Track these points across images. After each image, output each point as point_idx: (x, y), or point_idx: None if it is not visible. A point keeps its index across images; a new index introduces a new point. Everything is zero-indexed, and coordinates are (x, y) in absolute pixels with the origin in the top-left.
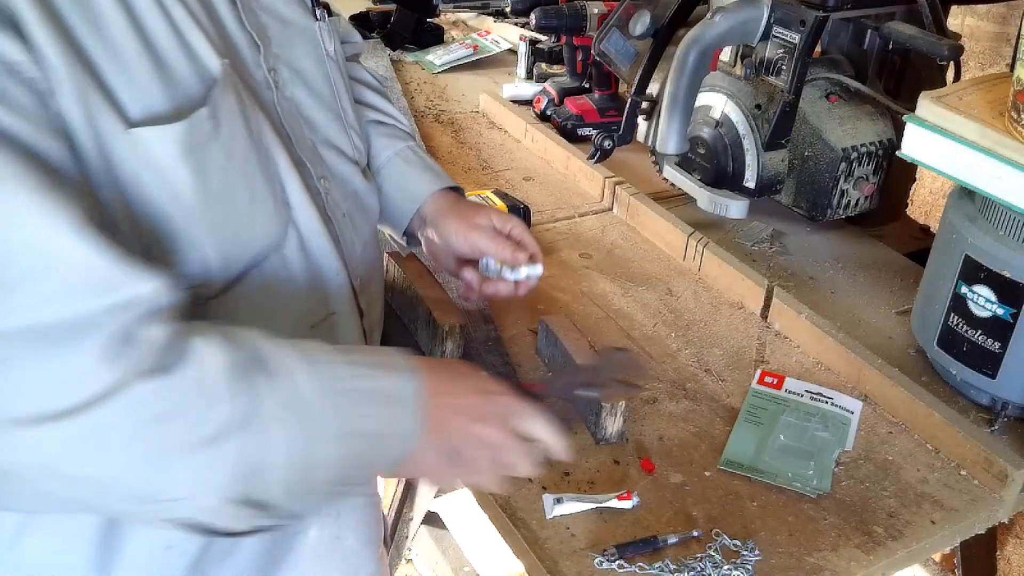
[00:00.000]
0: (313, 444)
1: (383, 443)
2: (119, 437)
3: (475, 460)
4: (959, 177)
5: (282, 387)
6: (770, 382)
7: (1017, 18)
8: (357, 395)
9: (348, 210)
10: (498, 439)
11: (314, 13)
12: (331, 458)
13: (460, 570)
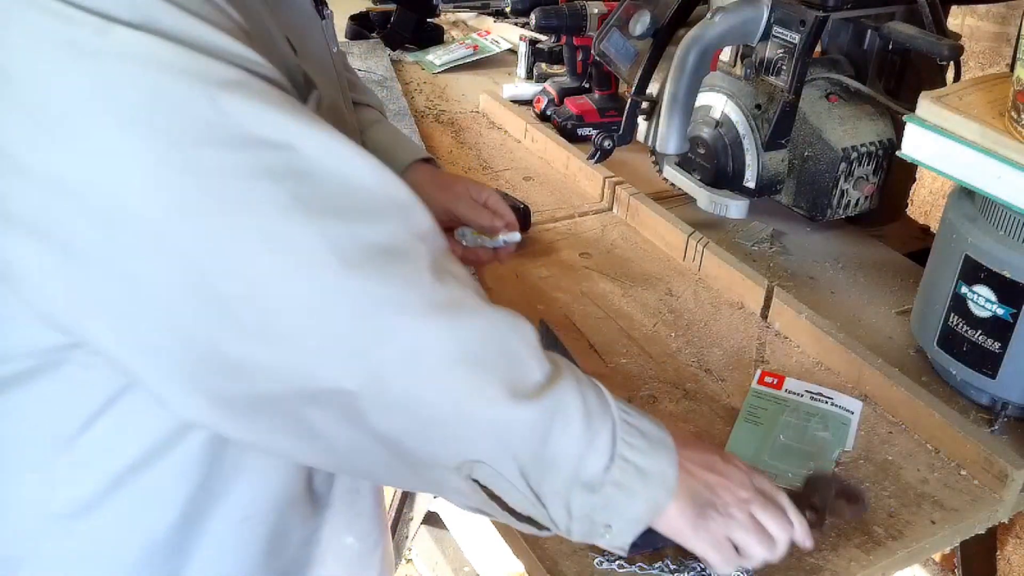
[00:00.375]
0: (592, 454)
1: (647, 479)
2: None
3: (725, 515)
4: (959, 177)
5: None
6: (770, 382)
7: (1017, 18)
8: (626, 423)
9: None
10: (746, 494)
11: (320, 12)
12: (606, 479)
13: (460, 570)
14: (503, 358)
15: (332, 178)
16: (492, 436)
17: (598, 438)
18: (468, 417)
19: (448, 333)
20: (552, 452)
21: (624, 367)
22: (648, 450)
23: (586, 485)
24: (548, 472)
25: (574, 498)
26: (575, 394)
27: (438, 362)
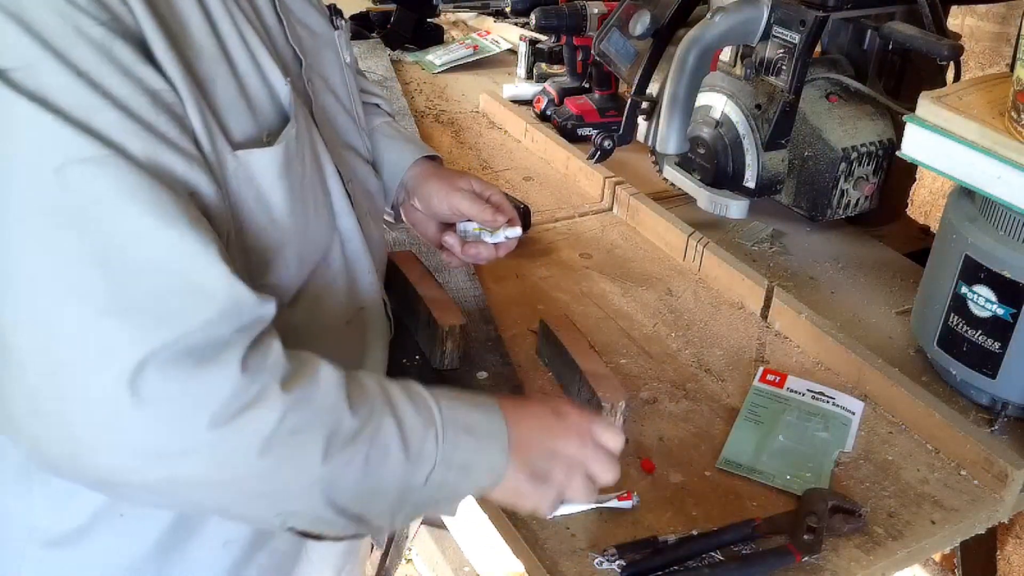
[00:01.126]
0: (416, 469)
1: (472, 472)
2: (261, 444)
3: (561, 477)
4: (959, 177)
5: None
6: (772, 380)
7: (1017, 18)
8: (453, 427)
9: (368, 208)
10: (579, 453)
11: (332, 22)
12: (428, 484)
13: (460, 570)
14: (308, 426)
15: (161, 277)
16: (308, 494)
17: (422, 456)
18: (279, 488)
19: (248, 430)
20: (372, 485)
21: (624, 367)
22: (475, 447)
23: (410, 494)
24: (370, 502)
25: (398, 509)
26: (391, 426)
27: (241, 456)
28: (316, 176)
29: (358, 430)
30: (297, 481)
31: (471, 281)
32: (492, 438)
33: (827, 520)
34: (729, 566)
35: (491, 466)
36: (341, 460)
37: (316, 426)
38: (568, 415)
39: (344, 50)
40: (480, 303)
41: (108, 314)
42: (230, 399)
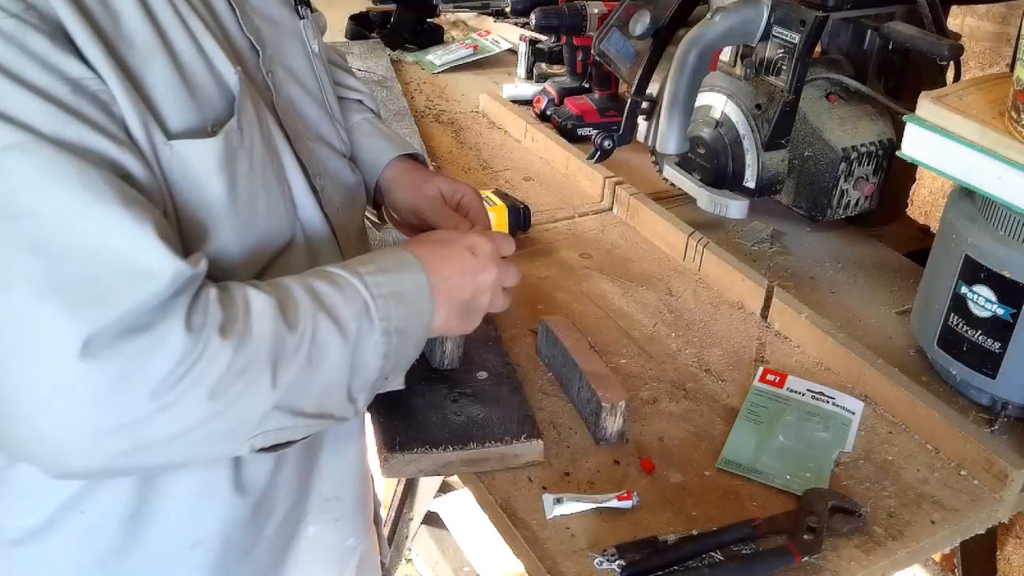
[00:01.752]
0: (359, 353)
1: (410, 333)
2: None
3: (485, 302)
4: (959, 177)
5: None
6: (772, 380)
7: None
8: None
9: (341, 203)
10: (496, 278)
11: (297, 11)
12: (374, 359)
13: (460, 570)
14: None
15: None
16: (268, 415)
17: (362, 337)
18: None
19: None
20: (324, 381)
21: (624, 367)
22: (406, 311)
23: (362, 373)
24: (326, 396)
25: (356, 391)
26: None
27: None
28: (270, 169)
29: (298, 344)
30: (254, 411)
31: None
32: (418, 294)
33: (827, 520)
34: (729, 566)
35: (422, 321)
36: (289, 377)
37: (260, 358)
38: (479, 246)
39: (311, 40)
40: None
41: (48, 299)
42: (180, 360)
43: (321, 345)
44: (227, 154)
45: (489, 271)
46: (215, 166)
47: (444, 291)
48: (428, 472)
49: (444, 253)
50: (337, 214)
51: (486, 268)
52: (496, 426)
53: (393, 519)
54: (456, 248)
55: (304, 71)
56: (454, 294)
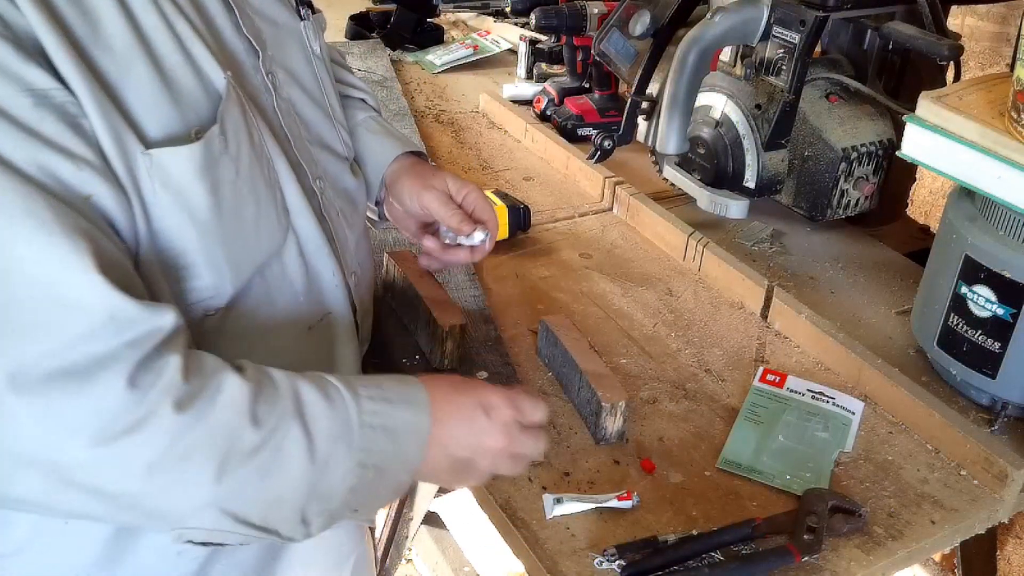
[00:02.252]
0: (324, 476)
1: (389, 474)
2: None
3: (485, 466)
4: (959, 177)
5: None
6: (772, 380)
7: (1017, 18)
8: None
9: (341, 207)
10: (504, 445)
11: (299, 13)
12: (340, 488)
13: (460, 570)
14: (201, 445)
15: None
16: (203, 510)
17: (331, 462)
18: (169, 507)
19: (132, 451)
20: (276, 493)
21: (624, 367)
22: (392, 450)
23: (322, 498)
24: (273, 509)
25: (310, 512)
26: (297, 433)
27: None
28: (259, 174)
29: (258, 445)
30: (188, 501)
31: (471, 281)
32: (411, 437)
33: (827, 520)
34: (729, 566)
35: (406, 465)
36: (237, 477)
37: (208, 448)
38: (495, 408)
39: (313, 41)
40: (480, 303)
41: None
42: (114, 418)
43: (284, 455)
44: (208, 160)
45: (497, 438)
46: (195, 173)
47: (441, 443)
48: None
49: (458, 403)
50: (337, 218)
51: (495, 434)
52: None
53: (393, 519)
54: (471, 401)
55: (305, 73)
56: (451, 450)
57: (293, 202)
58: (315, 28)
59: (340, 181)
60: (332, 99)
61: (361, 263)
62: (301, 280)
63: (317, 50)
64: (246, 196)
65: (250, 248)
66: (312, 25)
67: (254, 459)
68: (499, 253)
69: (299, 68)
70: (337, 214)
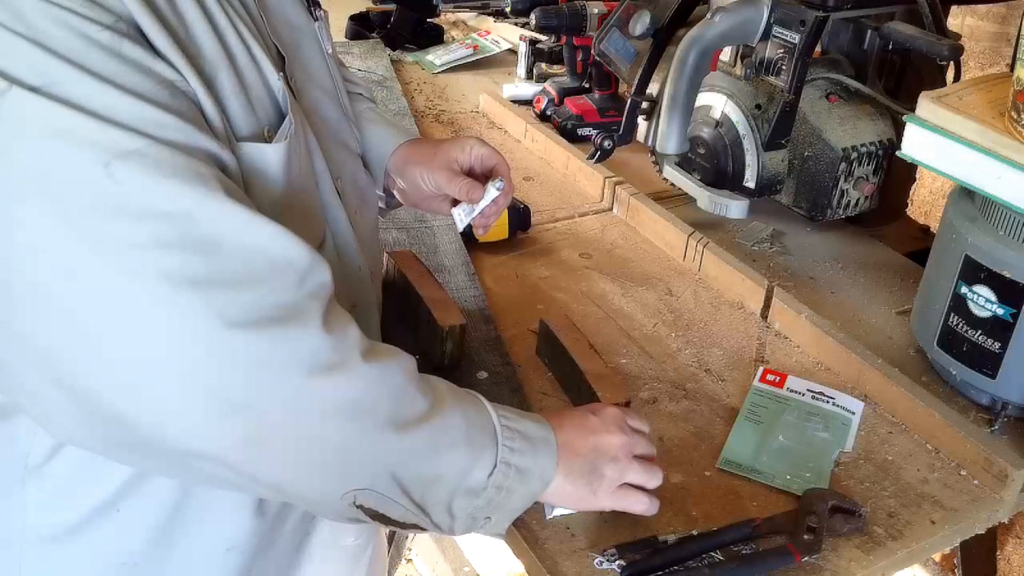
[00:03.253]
0: (477, 464)
1: (528, 478)
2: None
3: (612, 469)
4: (959, 177)
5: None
6: (772, 380)
7: (1017, 18)
8: (509, 430)
9: (358, 204)
10: (622, 442)
11: (311, 13)
12: (488, 485)
13: (460, 570)
14: (386, 400)
15: (225, 247)
16: (378, 468)
17: (483, 451)
18: (352, 459)
19: (331, 392)
20: (437, 470)
21: (624, 367)
22: (529, 451)
23: (470, 491)
24: (432, 487)
25: (457, 503)
26: (458, 416)
27: (320, 418)
28: (309, 171)
29: (427, 414)
30: (370, 451)
31: (471, 281)
32: (544, 443)
33: (827, 520)
34: (729, 566)
35: (542, 472)
36: (411, 438)
37: (390, 403)
38: (603, 410)
39: (325, 41)
40: (480, 303)
41: (183, 288)
42: (316, 353)
43: (447, 431)
44: (287, 158)
45: (613, 434)
46: (279, 170)
47: (565, 448)
48: None
49: (567, 414)
50: (355, 216)
51: (609, 429)
52: None
53: None
54: (579, 411)
55: (322, 73)
56: (574, 454)
57: (328, 197)
58: (326, 28)
59: (356, 178)
60: (344, 97)
61: (374, 259)
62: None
63: (329, 49)
64: (303, 191)
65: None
66: (324, 25)
67: (424, 427)
68: (499, 253)
69: (317, 68)
70: (355, 211)
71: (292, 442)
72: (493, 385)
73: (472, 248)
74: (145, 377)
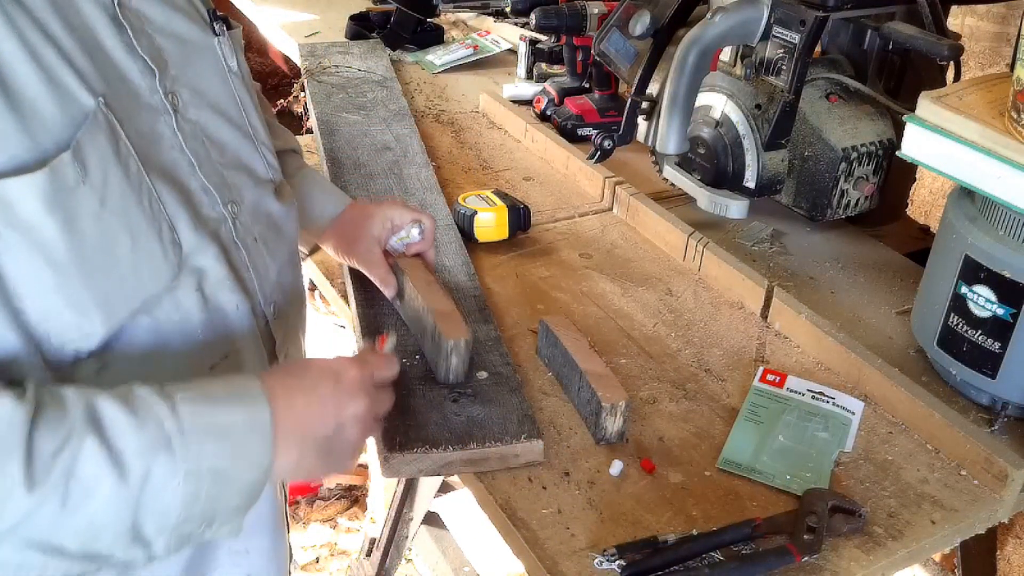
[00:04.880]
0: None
1: (234, 476)
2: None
3: (355, 435)
4: (959, 177)
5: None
6: (772, 380)
7: (1017, 18)
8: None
9: (261, 233)
10: (367, 407)
11: (212, 28)
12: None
13: (460, 570)
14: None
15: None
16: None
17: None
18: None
19: None
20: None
21: (624, 367)
22: (227, 451)
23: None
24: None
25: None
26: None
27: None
28: (135, 206)
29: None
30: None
31: (471, 281)
32: (251, 432)
33: (827, 520)
34: (729, 566)
35: (255, 462)
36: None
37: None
38: (342, 372)
39: (228, 58)
40: (480, 303)
41: None
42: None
43: (82, 481)
44: (55, 191)
45: (357, 400)
46: (42, 205)
47: (295, 430)
48: (428, 472)
49: (299, 383)
50: (254, 245)
51: (353, 397)
52: (496, 426)
53: (393, 519)
54: (312, 375)
55: (219, 92)
56: (310, 431)
57: (187, 236)
58: (231, 45)
59: (261, 206)
60: (253, 119)
61: (286, 292)
62: (199, 317)
63: (234, 67)
64: (117, 231)
65: (127, 288)
66: (227, 41)
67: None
68: (499, 253)
69: (212, 87)
70: (254, 240)
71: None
72: (493, 385)
73: (472, 248)
74: None
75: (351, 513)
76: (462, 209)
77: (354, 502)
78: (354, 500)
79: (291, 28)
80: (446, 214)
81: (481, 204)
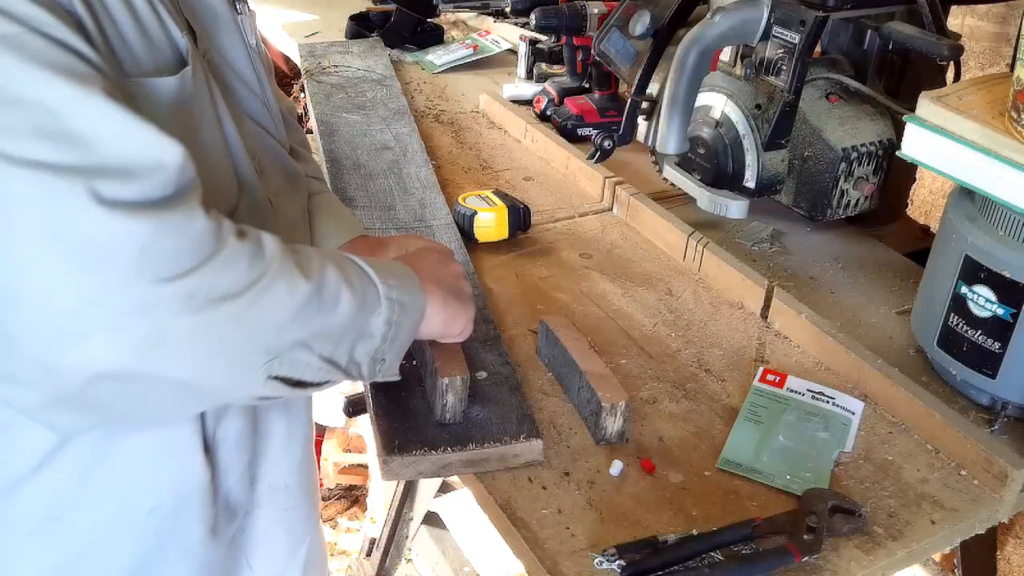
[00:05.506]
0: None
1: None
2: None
3: (466, 287)
4: (959, 177)
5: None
6: (772, 380)
7: (1017, 18)
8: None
9: (281, 187)
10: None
11: (235, 6)
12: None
13: (460, 570)
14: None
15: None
16: (282, 336)
17: (367, 295)
18: (253, 334)
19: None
20: (333, 322)
21: (624, 367)
22: (402, 285)
23: (367, 334)
24: (334, 338)
25: (359, 349)
26: (333, 272)
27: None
28: (218, 132)
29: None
30: (269, 322)
31: (471, 281)
32: (407, 277)
33: (827, 520)
34: (729, 566)
35: (416, 302)
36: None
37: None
38: (433, 246)
39: (249, 35)
40: (480, 303)
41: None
42: (201, 239)
43: (332, 288)
44: (180, 98)
45: (453, 263)
46: (170, 107)
47: (428, 276)
48: (428, 474)
49: (411, 257)
50: (277, 197)
51: (450, 258)
52: (496, 426)
53: (393, 519)
54: (417, 252)
55: (242, 63)
56: (437, 278)
57: (243, 168)
58: (251, 23)
59: (280, 161)
60: (269, 93)
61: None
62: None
63: (253, 44)
64: (207, 147)
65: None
66: (248, 21)
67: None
68: (499, 253)
69: (236, 57)
70: (276, 193)
71: (191, 332)
72: (493, 385)
73: (472, 248)
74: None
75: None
76: (462, 209)
77: (354, 502)
78: (354, 500)
79: (291, 28)
80: (446, 214)
81: (481, 204)
